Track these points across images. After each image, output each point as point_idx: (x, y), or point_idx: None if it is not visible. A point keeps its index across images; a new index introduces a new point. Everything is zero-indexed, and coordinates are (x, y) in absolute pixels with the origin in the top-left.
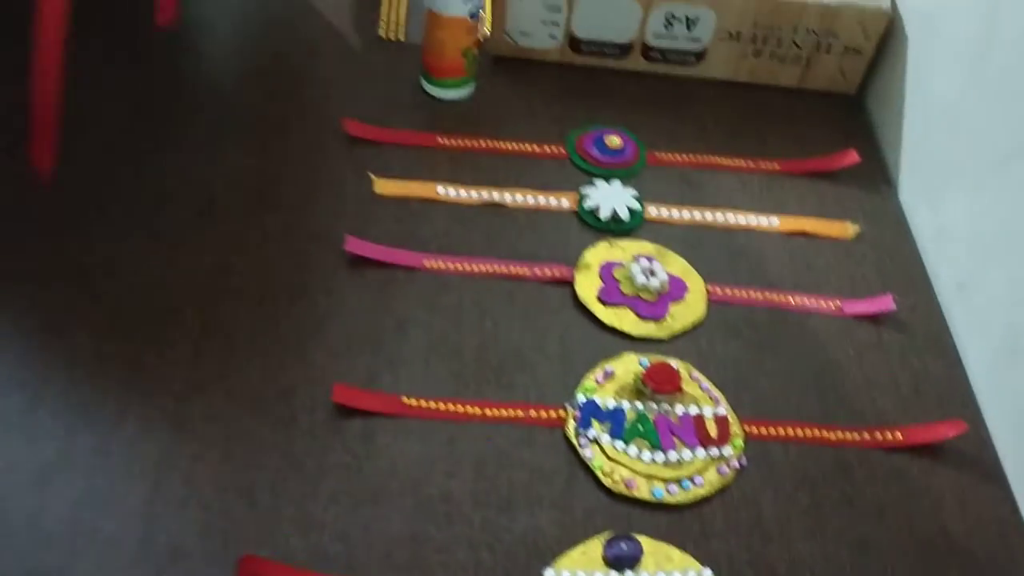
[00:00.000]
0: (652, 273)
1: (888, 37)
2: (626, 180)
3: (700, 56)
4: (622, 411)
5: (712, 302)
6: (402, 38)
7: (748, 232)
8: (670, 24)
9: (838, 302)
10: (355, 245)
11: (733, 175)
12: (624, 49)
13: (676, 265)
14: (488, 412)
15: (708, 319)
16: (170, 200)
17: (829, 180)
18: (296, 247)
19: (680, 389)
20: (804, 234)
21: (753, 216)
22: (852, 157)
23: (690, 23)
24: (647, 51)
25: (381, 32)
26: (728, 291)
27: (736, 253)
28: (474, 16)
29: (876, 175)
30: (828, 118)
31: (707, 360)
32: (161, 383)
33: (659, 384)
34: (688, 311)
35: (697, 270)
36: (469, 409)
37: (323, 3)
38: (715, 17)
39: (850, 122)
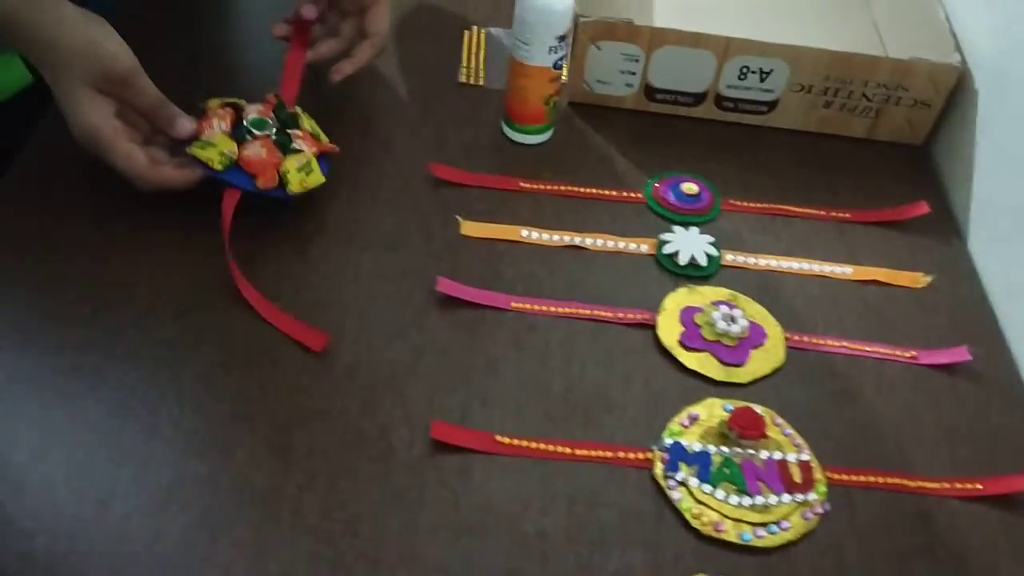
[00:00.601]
0: (733, 319)
1: (957, 90)
2: (702, 226)
3: (772, 106)
4: (708, 455)
5: (790, 348)
6: (482, 83)
7: (822, 280)
8: (744, 75)
9: (913, 352)
10: (446, 286)
11: (806, 223)
12: (698, 98)
13: (754, 311)
14: (578, 452)
15: (787, 365)
16: (264, 243)
17: (899, 230)
18: (389, 286)
19: (765, 435)
20: (877, 283)
21: (827, 264)
22: (922, 208)
23: (763, 75)
24: (720, 100)
25: (462, 77)
26: (806, 338)
27: (811, 300)
28: (557, 66)
29: (945, 226)
30: (895, 168)
31: (787, 406)
32: (266, 416)
33: (745, 429)
34: (768, 357)
35: (774, 316)
36: (559, 448)
37: (406, 50)
38: (788, 70)
39: (917, 173)
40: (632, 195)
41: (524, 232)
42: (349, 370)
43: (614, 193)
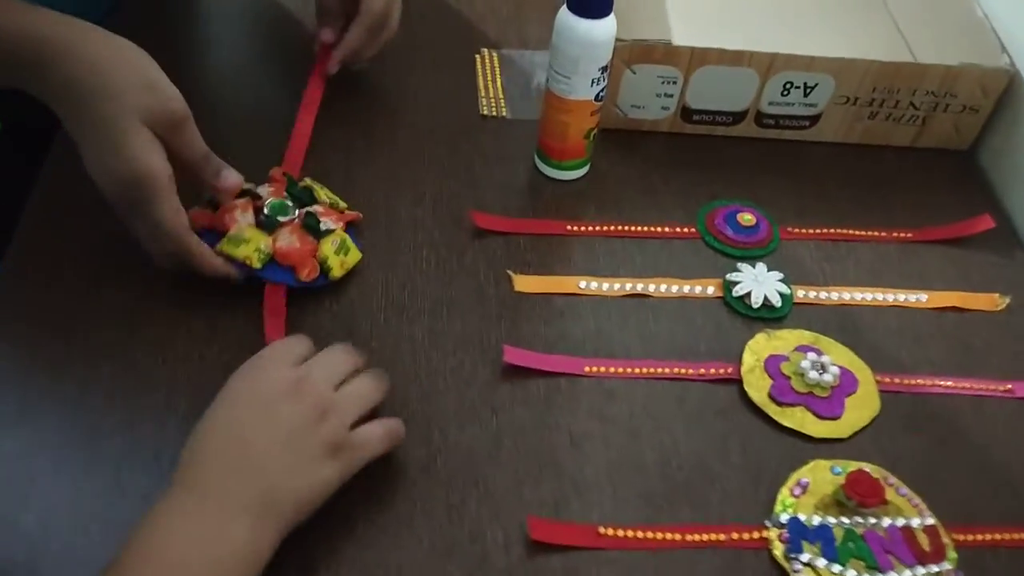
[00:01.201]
0: (823, 367)
1: (1006, 94)
2: (763, 259)
3: (814, 120)
4: (828, 528)
5: (883, 392)
6: (505, 114)
7: (898, 311)
8: (787, 91)
9: (1009, 385)
10: (515, 356)
11: (868, 246)
12: (737, 116)
13: (839, 354)
14: (688, 537)
15: (882, 412)
16: (302, 323)
17: (962, 246)
18: (449, 360)
19: (885, 500)
20: (955, 309)
21: (900, 292)
22: (987, 223)
23: (808, 89)
24: (760, 117)
25: (483, 110)
26: (897, 379)
27: (891, 335)
28: (599, 98)
29: (1007, 238)
30: (944, 177)
31: (894, 460)
32: (344, 530)
33: (864, 497)
34: (863, 405)
35: (860, 357)
36: (667, 535)
37: (417, 83)
38: (834, 83)
39: (966, 180)
40: (685, 230)
41: (582, 283)
42: (424, 466)
43: (666, 229)
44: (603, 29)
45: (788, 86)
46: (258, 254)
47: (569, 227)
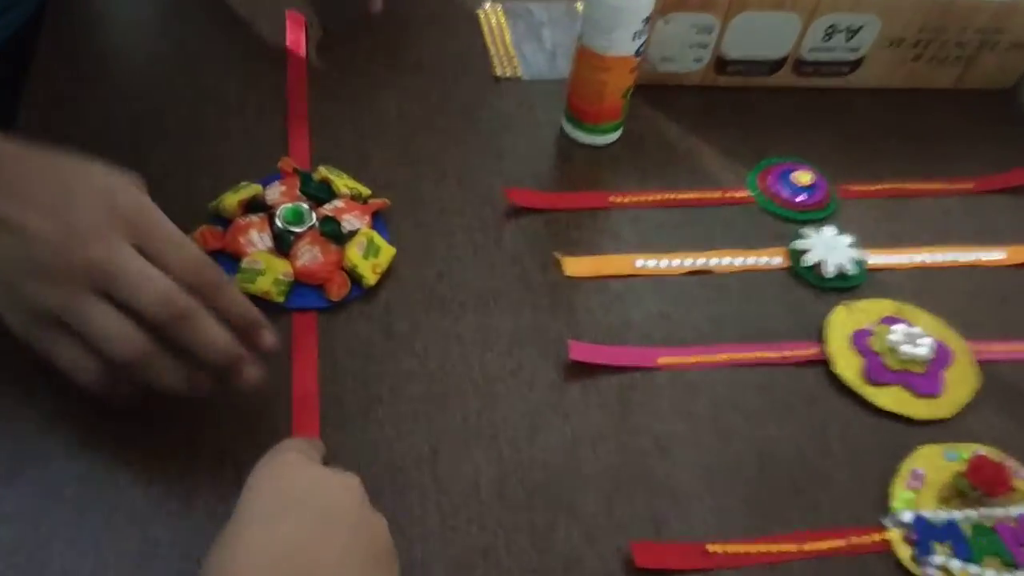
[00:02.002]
0: (915, 339)
1: None
2: (825, 221)
3: (855, 65)
4: (955, 523)
5: (979, 363)
6: (519, 74)
7: (977, 270)
8: (829, 35)
9: None
10: (580, 351)
11: (929, 201)
12: (775, 65)
13: (927, 323)
14: (805, 547)
15: (984, 385)
16: (334, 333)
17: (1020, 193)
18: (506, 360)
19: (1012, 487)
20: None
21: (975, 251)
22: None
23: (851, 33)
24: (799, 65)
25: (496, 71)
26: (991, 347)
27: (973, 297)
28: (639, 53)
29: None
30: (990, 119)
31: (1007, 439)
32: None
33: (991, 486)
34: (962, 379)
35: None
36: (783, 548)
37: (421, 44)
38: (880, 25)
39: (1014, 121)
40: (738, 195)
41: (639, 262)
42: (498, 486)
43: (717, 195)
44: None
45: (831, 30)
46: (277, 286)
47: (612, 199)
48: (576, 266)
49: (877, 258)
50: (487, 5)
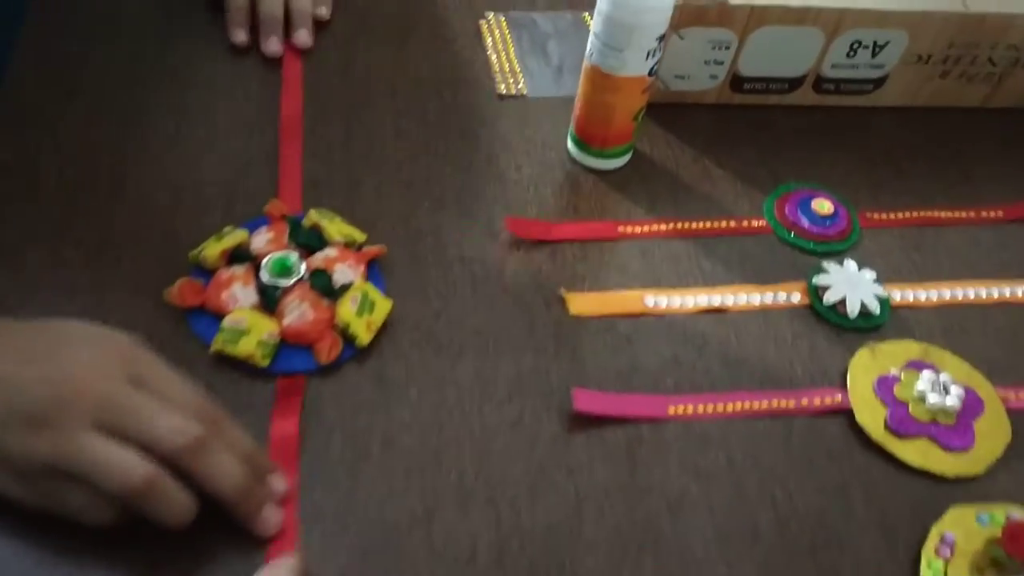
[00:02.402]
0: (944, 388)
1: None
2: (847, 254)
3: (879, 83)
4: None
5: (1009, 411)
6: (525, 92)
7: (1007, 308)
8: (853, 52)
9: None
10: (585, 400)
11: (958, 231)
12: (794, 83)
13: (955, 368)
14: None
15: (1016, 437)
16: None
17: None
18: (505, 410)
19: None
20: None
21: (1007, 286)
22: None
23: (877, 49)
24: (820, 82)
25: (500, 89)
26: (1022, 393)
27: (1003, 337)
28: (652, 72)
29: None
30: (1021, 138)
31: None
32: None
33: None
34: (994, 430)
35: (976, 369)
36: None
37: (420, 57)
38: (907, 40)
39: None
40: (754, 224)
41: (649, 300)
42: (497, 553)
43: (732, 224)
44: None
45: (855, 45)
46: (261, 348)
47: (620, 228)
48: (582, 304)
49: (901, 294)
50: (490, 16)
